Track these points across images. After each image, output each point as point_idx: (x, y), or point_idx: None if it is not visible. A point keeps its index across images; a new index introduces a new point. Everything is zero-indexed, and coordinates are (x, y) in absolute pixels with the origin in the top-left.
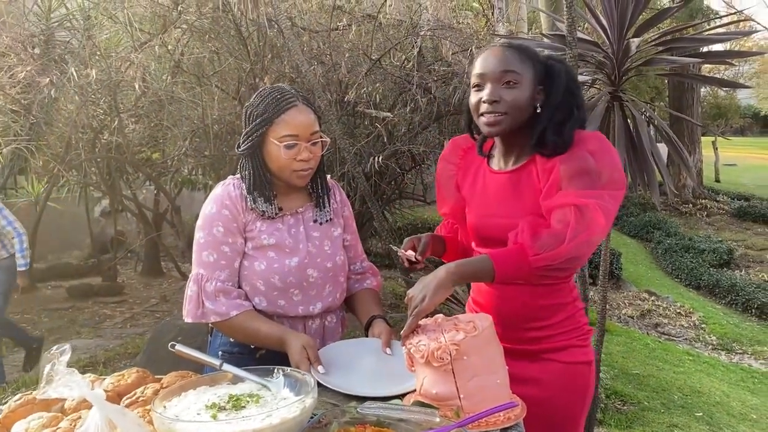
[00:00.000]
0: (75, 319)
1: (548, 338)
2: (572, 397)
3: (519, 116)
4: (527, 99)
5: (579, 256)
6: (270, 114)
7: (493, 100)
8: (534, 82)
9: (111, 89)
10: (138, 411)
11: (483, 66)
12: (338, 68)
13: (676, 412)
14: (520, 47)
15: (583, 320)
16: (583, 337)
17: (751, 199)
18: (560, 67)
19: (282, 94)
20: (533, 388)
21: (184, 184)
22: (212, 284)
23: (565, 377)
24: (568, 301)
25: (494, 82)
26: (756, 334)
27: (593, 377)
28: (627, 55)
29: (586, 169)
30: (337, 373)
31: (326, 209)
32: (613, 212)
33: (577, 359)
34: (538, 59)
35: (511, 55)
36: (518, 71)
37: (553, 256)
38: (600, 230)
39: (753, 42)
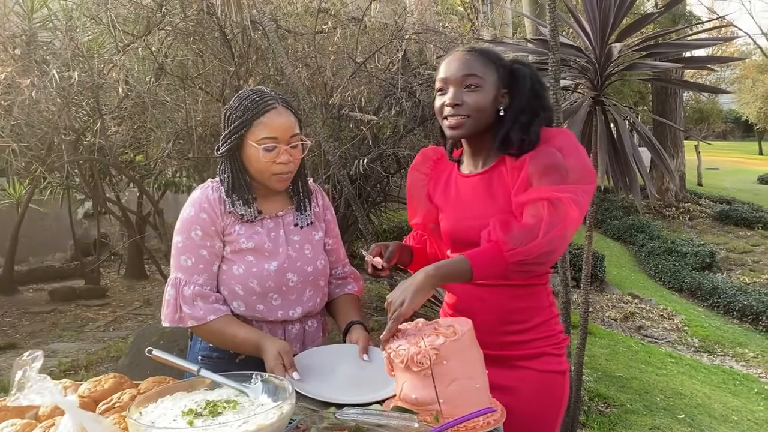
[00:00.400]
0: (57, 322)
1: (523, 344)
2: (545, 407)
3: (482, 119)
4: (490, 102)
5: (553, 249)
6: (249, 116)
7: (454, 104)
8: (497, 85)
9: (93, 91)
10: (114, 417)
11: (446, 70)
12: (323, 71)
13: (659, 414)
14: (483, 51)
15: (559, 328)
16: (557, 346)
17: (733, 203)
18: (525, 71)
19: (261, 96)
20: (506, 396)
21: (168, 187)
22: (190, 288)
23: (538, 386)
24: (544, 305)
25: (456, 86)
26: (737, 337)
27: (567, 387)
28: (609, 59)
29: (556, 164)
30: (313, 380)
31: (307, 213)
32: (585, 206)
33: (552, 368)
34: (501, 63)
35: (473, 59)
36: (480, 74)
37: (528, 250)
38: (573, 223)
39: (735, 47)
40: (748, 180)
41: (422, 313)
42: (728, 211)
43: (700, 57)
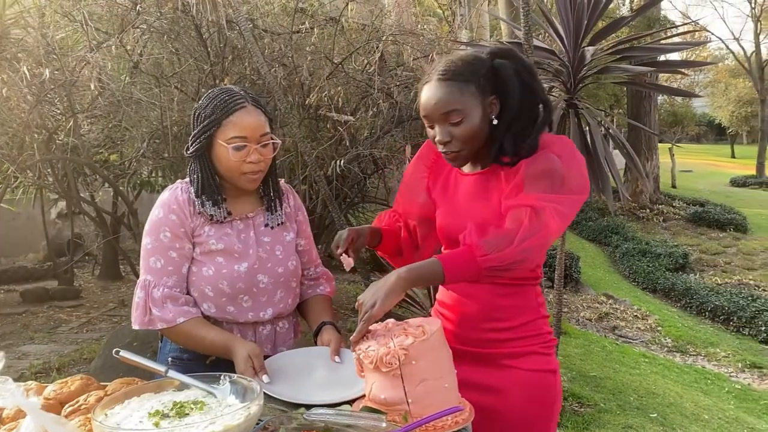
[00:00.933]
0: (29, 323)
1: (509, 342)
2: (536, 407)
3: (477, 143)
4: (478, 124)
5: (527, 258)
6: (218, 115)
7: (445, 141)
8: (482, 101)
9: (66, 89)
10: (79, 419)
11: (425, 107)
12: (300, 71)
13: (632, 413)
14: (457, 73)
15: (547, 328)
16: (545, 345)
17: (706, 205)
18: (508, 68)
19: (230, 95)
20: (494, 397)
21: (143, 187)
22: (159, 290)
23: (526, 386)
24: (532, 306)
25: (441, 123)
26: (709, 337)
27: (559, 387)
28: (582, 63)
29: (550, 172)
30: (283, 382)
31: (278, 213)
32: (570, 217)
33: (540, 367)
34: (480, 73)
35: (449, 91)
36: (460, 107)
37: (501, 257)
38: (551, 234)
39: (708, 52)
40: (720, 182)
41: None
42: (701, 213)
43: (673, 61)
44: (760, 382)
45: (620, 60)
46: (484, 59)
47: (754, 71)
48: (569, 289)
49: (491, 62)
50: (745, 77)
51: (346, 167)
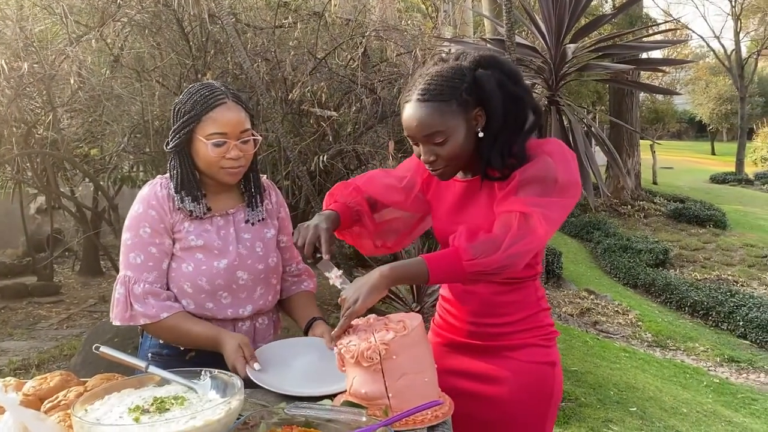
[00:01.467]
0: (8, 320)
1: (509, 335)
2: (533, 398)
3: (463, 158)
4: (463, 143)
5: (512, 264)
6: (197, 111)
7: (430, 161)
8: (465, 117)
9: (45, 83)
10: (59, 415)
11: (407, 128)
12: (283, 66)
13: (612, 407)
14: (436, 93)
15: (547, 321)
16: (545, 337)
17: (686, 201)
18: (491, 79)
19: (210, 90)
20: (493, 386)
21: (124, 182)
22: (140, 286)
23: (524, 376)
24: (532, 300)
25: (424, 144)
26: (689, 331)
27: (558, 379)
28: (564, 60)
29: (542, 175)
30: (273, 372)
31: (258, 209)
32: (558, 222)
33: (538, 359)
34: (461, 88)
35: (429, 114)
36: (441, 128)
37: (487, 263)
38: (538, 240)
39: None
40: (700, 179)
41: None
42: (681, 209)
43: (653, 59)
44: (737, 376)
45: (601, 57)
46: (465, 72)
47: (734, 69)
48: (551, 284)
49: (473, 74)
50: (725, 75)
51: (330, 163)
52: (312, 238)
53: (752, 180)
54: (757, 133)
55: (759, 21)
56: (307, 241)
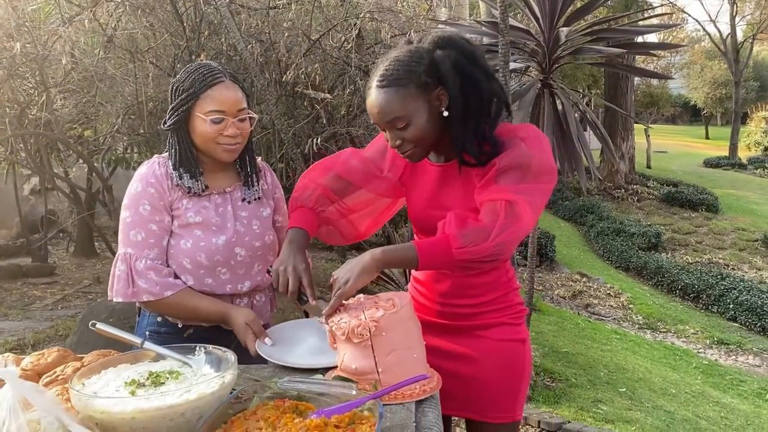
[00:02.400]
0: (2, 300)
1: (480, 314)
2: (506, 374)
3: (430, 138)
4: (426, 124)
5: (502, 252)
6: (196, 89)
7: (397, 145)
8: (426, 99)
9: (38, 63)
10: (57, 389)
11: (370, 115)
12: (277, 47)
13: (602, 388)
14: (393, 78)
15: (517, 300)
16: (515, 316)
17: (679, 185)
18: (446, 60)
19: (209, 69)
20: (466, 365)
21: (118, 163)
22: (142, 263)
23: (496, 354)
24: (503, 281)
25: (388, 129)
26: (679, 314)
27: (529, 355)
28: (557, 43)
29: (520, 162)
30: (282, 348)
31: (254, 188)
32: (541, 207)
33: (509, 337)
34: (419, 71)
35: (387, 100)
36: (401, 113)
37: (477, 251)
38: (525, 227)
39: (685, 34)
40: (694, 163)
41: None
42: (674, 193)
43: (647, 43)
44: (726, 358)
45: (595, 41)
46: (423, 54)
47: (729, 53)
48: (544, 267)
49: (432, 55)
50: (720, 59)
51: (323, 145)
52: (294, 286)
53: (745, 164)
54: (751, 118)
55: (755, 5)
56: (290, 290)
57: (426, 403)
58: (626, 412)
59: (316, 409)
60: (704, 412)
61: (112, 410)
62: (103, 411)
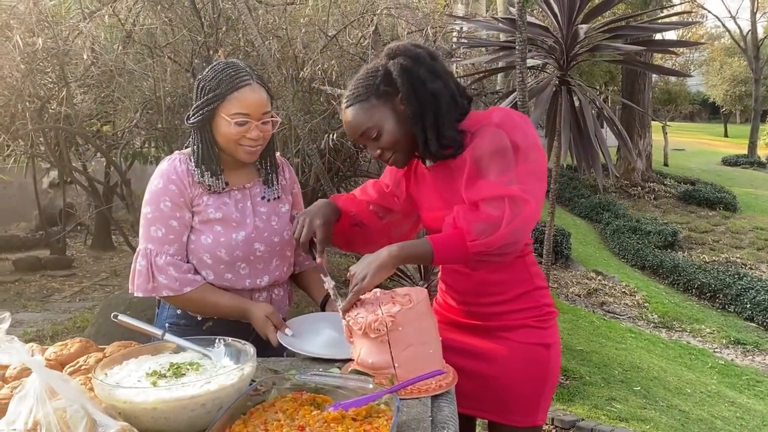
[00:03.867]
0: (22, 292)
1: (503, 315)
2: (526, 378)
3: (407, 143)
4: (397, 130)
5: (514, 241)
6: (223, 90)
7: (377, 155)
8: (391, 107)
9: (59, 58)
10: (80, 379)
11: (348, 135)
12: (294, 43)
13: (616, 386)
14: (355, 95)
15: (544, 301)
16: (541, 318)
17: (697, 183)
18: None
19: (236, 70)
20: (489, 365)
21: (136, 158)
22: (162, 258)
23: (519, 357)
24: (524, 278)
25: (365, 143)
26: (695, 313)
27: (554, 361)
28: (575, 40)
29: (501, 149)
30: (302, 339)
31: (274, 187)
32: (540, 189)
33: (532, 340)
34: (375, 83)
35: (354, 115)
36: (368, 124)
37: (490, 242)
38: (532, 215)
39: (704, 30)
40: (712, 161)
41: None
42: (692, 191)
43: (666, 41)
44: (743, 358)
45: (614, 38)
46: (378, 67)
47: (749, 50)
48: (560, 265)
49: (386, 65)
50: (740, 56)
51: (339, 141)
52: (306, 237)
53: (764, 163)
54: None
55: None
56: (301, 240)
57: (442, 398)
58: (640, 411)
59: (334, 402)
60: (720, 412)
61: (135, 400)
62: (125, 401)
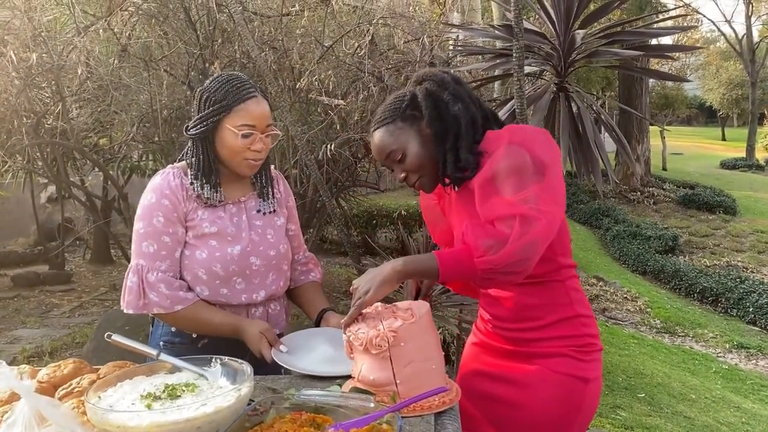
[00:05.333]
0: (20, 308)
1: (540, 341)
2: (556, 409)
3: (430, 164)
4: (422, 153)
5: (523, 259)
6: (229, 101)
7: (402, 178)
8: (417, 130)
9: (54, 73)
10: (73, 402)
11: (376, 158)
12: (290, 54)
13: (620, 393)
14: (382, 118)
15: (586, 330)
16: (581, 350)
17: (696, 187)
18: (421, 90)
19: (242, 82)
20: (519, 390)
21: (133, 171)
22: (154, 275)
23: (552, 387)
24: (563, 303)
25: (391, 165)
26: (697, 318)
27: (590, 396)
28: (572, 47)
29: (519, 165)
30: (297, 356)
31: (270, 200)
32: (555, 206)
33: (568, 371)
34: (402, 107)
35: (381, 138)
36: (395, 147)
37: (497, 259)
38: (543, 234)
39: (700, 35)
40: (710, 165)
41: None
42: (691, 195)
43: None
44: (746, 362)
45: (611, 44)
46: (406, 92)
47: (745, 53)
48: None
49: (413, 91)
50: (736, 60)
51: (337, 151)
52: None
53: (763, 166)
54: None
55: None
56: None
57: (445, 415)
58: (645, 419)
59: (334, 423)
60: (725, 417)
61: (128, 424)
62: (119, 425)
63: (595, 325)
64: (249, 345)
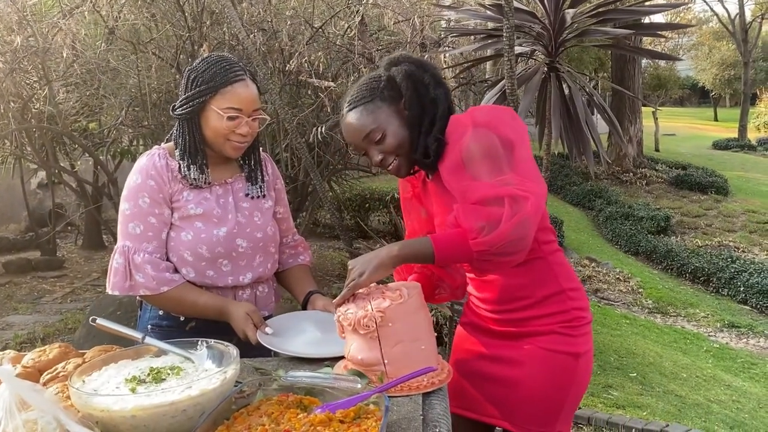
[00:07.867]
0: (12, 294)
1: (530, 320)
2: (547, 386)
3: (408, 145)
4: (401, 132)
5: (518, 237)
6: (217, 83)
7: (380, 160)
8: (395, 110)
9: (40, 56)
10: (57, 387)
11: (349, 140)
12: (279, 36)
13: (612, 373)
14: (358, 98)
15: (573, 304)
16: (569, 325)
17: (688, 168)
18: (400, 71)
19: (231, 64)
20: (513, 369)
21: (124, 156)
22: (140, 256)
23: (543, 364)
24: (547, 279)
25: (368, 147)
26: (689, 298)
27: (582, 371)
28: (563, 26)
29: (489, 148)
30: (283, 338)
31: (258, 184)
32: (538, 189)
33: (558, 348)
34: (380, 87)
35: (358, 117)
36: (373, 125)
37: (492, 240)
38: (534, 211)
39: (692, 14)
40: (703, 146)
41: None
42: (683, 176)
43: (654, 24)
44: (737, 341)
45: (602, 23)
46: (380, 74)
47: (737, 34)
48: None
49: (388, 73)
50: (728, 40)
51: (328, 134)
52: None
53: (755, 146)
54: (761, 99)
55: None
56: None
57: (434, 395)
58: (637, 398)
59: (321, 404)
60: (716, 395)
61: (113, 408)
62: (103, 409)
63: (583, 297)
64: (234, 327)
